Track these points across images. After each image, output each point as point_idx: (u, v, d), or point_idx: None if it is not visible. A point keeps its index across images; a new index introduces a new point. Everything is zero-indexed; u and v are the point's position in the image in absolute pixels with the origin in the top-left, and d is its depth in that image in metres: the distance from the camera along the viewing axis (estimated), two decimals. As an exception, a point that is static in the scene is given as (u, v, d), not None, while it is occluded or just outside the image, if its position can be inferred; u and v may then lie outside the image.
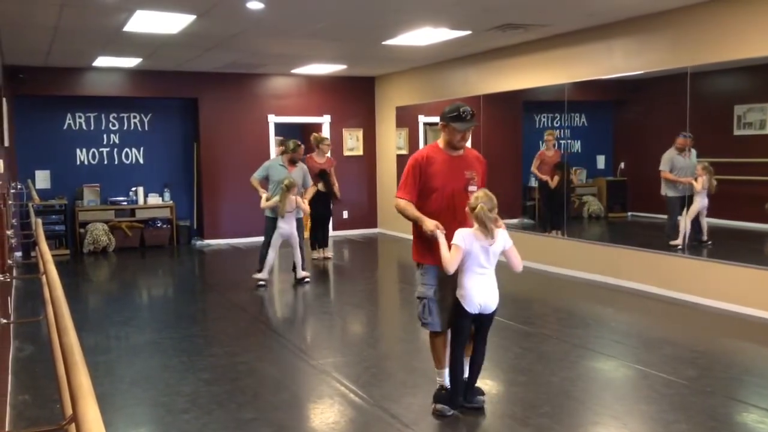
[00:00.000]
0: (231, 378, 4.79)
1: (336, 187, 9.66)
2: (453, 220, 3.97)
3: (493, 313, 3.99)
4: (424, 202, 4.03)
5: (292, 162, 8.06)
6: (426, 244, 4.02)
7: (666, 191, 7.81)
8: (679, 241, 7.44)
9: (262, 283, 7.85)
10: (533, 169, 9.63)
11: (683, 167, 7.66)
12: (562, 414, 4.03)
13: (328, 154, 9.70)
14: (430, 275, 4.07)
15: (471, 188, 4.01)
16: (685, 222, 7.40)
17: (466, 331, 3.98)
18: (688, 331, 6.15)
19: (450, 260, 3.81)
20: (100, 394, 1.45)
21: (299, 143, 8.26)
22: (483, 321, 3.99)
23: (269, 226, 7.97)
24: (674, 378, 4.62)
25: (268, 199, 7.81)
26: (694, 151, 7.60)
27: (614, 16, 7.34)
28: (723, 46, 6.52)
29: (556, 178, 9.17)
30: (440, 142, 4.13)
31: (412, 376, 4.80)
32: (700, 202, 7.42)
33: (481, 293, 3.88)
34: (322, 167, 9.43)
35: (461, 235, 3.82)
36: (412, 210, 4.01)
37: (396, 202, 4.10)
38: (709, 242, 7.55)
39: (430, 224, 3.87)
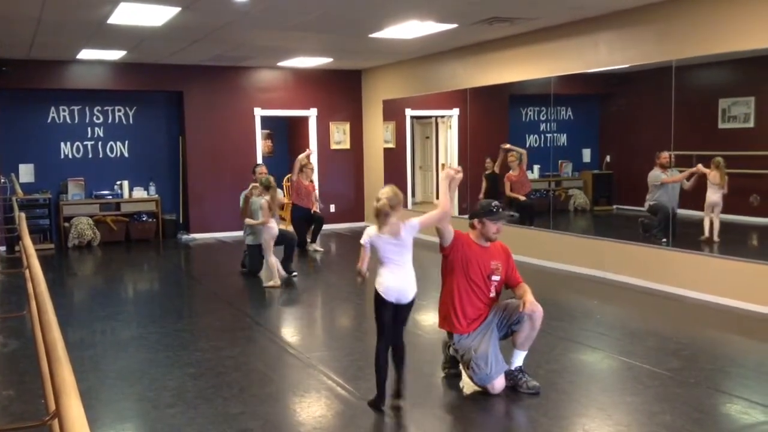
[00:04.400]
0: (217, 372, 4.78)
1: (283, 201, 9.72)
2: (478, 301, 4.30)
3: (411, 303, 3.99)
4: (453, 280, 4.29)
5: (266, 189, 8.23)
6: (446, 312, 4.34)
7: (651, 202, 7.86)
8: (707, 235, 7.43)
9: (272, 285, 7.75)
10: (507, 192, 9.66)
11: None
12: (548, 406, 4.05)
13: (311, 179, 10.21)
14: (464, 343, 4.28)
15: (494, 278, 4.32)
16: (711, 219, 7.40)
17: (385, 320, 3.96)
18: (672, 322, 6.19)
19: (362, 258, 4.00)
20: (85, 389, 1.44)
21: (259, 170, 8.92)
22: (400, 311, 3.99)
23: (252, 253, 8.15)
24: (659, 369, 4.66)
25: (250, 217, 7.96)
26: (675, 170, 7.64)
27: (600, 9, 7.35)
28: (708, 39, 6.55)
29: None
30: (472, 236, 4.34)
31: (399, 369, 4.80)
32: (711, 197, 7.40)
33: (396, 283, 3.91)
34: (307, 188, 9.80)
35: (366, 232, 3.98)
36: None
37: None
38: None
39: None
